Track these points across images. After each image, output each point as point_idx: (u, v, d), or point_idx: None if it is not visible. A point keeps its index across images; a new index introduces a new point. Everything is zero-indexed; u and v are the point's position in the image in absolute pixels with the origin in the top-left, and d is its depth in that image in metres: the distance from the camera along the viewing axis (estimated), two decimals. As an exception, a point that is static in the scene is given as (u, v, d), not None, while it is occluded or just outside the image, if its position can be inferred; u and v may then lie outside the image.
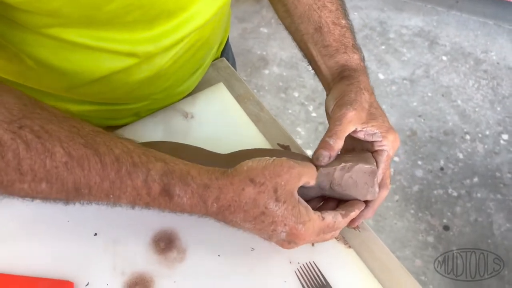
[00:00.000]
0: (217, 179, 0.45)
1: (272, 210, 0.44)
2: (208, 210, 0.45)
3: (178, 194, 0.44)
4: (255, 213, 0.44)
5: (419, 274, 1.42)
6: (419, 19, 2.15)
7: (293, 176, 0.45)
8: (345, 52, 0.57)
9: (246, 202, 0.44)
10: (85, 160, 0.41)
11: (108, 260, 0.52)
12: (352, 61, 0.57)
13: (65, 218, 0.54)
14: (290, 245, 0.48)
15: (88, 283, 0.50)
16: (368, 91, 0.54)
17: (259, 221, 0.45)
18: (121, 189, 0.42)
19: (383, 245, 0.57)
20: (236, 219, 0.45)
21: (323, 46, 0.58)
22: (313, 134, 1.75)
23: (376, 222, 1.53)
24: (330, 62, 0.58)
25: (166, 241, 0.54)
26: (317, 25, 0.59)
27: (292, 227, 0.45)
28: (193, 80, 0.67)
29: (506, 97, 1.88)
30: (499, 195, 1.61)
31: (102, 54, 0.51)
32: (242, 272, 0.52)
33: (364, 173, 0.51)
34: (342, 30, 0.59)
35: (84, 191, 0.42)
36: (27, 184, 0.40)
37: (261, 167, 0.45)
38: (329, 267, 0.53)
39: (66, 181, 0.41)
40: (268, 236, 0.47)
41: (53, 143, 0.40)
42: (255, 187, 0.44)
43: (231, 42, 0.84)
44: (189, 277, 0.52)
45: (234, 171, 0.45)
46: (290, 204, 0.45)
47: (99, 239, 0.53)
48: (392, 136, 0.53)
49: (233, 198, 0.44)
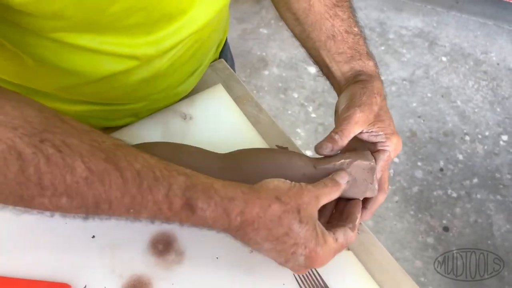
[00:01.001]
0: (243, 193, 0.44)
1: (296, 232, 0.44)
2: (231, 224, 0.43)
3: (201, 208, 0.42)
4: (279, 232, 0.44)
5: (418, 275, 1.42)
6: (419, 20, 2.15)
7: (312, 199, 0.46)
8: (360, 59, 0.58)
9: (271, 220, 0.43)
10: (105, 175, 0.40)
11: (106, 263, 0.52)
12: (367, 68, 0.58)
13: (63, 221, 0.54)
14: (305, 270, 0.47)
15: (85, 285, 0.50)
16: (380, 95, 0.55)
17: (281, 242, 0.44)
18: (142, 204, 0.42)
19: (382, 247, 0.57)
20: (257, 237, 0.44)
21: (337, 53, 0.59)
22: (313, 135, 1.75)
23: (375, 223, 1.53)
24: (345, 68, 0.58)
25: (164, 244, 0.54)
26: (330, 33, 0.59)
27: (312, 250, 0.44)
28: (192, 81, 0.66)
29: (505, 98, 1.88)
30: (499, 196, 1.61)
31: (103, 57, 0.50)
32: (240, 274, 0.52)
33: (363, 169, 0.51)
34: (356, 38, 0.59)
35: (104, 207, 0.41)
36: (47, 199, 0.40)
37: (287, 188, 0.45)
38: (327, 270, 0.53)
39: (86, 196, 0.40)
40: (285, 260, 0.46)
41: (74, 158, 0.39)
42: (281, 205, 0.44)
43: (230, 42, 0.84)
44: (187, 280, 0.51)
45: (260, 187, 0.45)
46: (311, 226, 0.45)
47: (97, 241, 0.53)
48: (396, 139, 0.54)
49: (258, 214, 0.43)
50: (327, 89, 1.88)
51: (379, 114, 0.53)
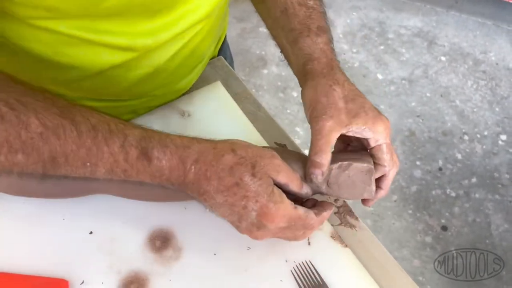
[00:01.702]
0: (198, 142, 0.45)
1: (246, 183, 0.43)
2: (186, 175, 0.44)
3: (157, 157, 0.43)
4: (229, 182, 0.44)
5: (417, 274, 1.42)
6: (418, 19, 2.15)
7: (273, 165, 0.45)
8: (308, 36, 0.54)
9: (222, 168, 0.44)
10: (60, 129, 0.41)
11: (104, 259, 0.52)
12: (314, 47, 0.53)
13: (60, 216, 0.54)
14: (258, 232, 0.45)
15: (83, 281, 0.50)
16: (338, 83, 0.51)
17: (231, 193, 0.44)
18: (98, 156, 0.42)
19: (380, 244, 0.57)
20: (210, 188, 0.44)
21: (289, 30, 0.55)
22: (312, 134, 1.75)
23: (374, 222, 1.53)
24: (295, 49, 0.54)
25: (162, 240, 0.54)
26: (284, 6, 0.56)
27: (264, 205, 0.43)
28: (191, 78, 0.66)
29: (504, 98, 1.88)
30: (497, 195, 1.61)
31: (100, 48, 0.50)
32: (238, 271, 0.52)
33: (361, 171, 0.51)
34: (308, 11, 0.55)
35: (60, 160, 0.41)
36: (3, 156, 0.40)
37: (246, 145, 0.46)
38: (325, 266, 0.53)
39: (42, 151, 0.41)
40: (238, 218, 0.45)
41: (28, 115, 0.40)
42: (234, 156, 0.44)
43: (230, 41, 0.84)
44: (184, 276, 0.51)
45: (219, 140, 0.46)
46: (265, 182, 0.44)
47: (94, 237, 0.53)
48: (382, 126, 0.50)
49: (211, 162, 0.44)
50: (326, 88, 1.88)
51: (348, 108, 0.49)
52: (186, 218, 0.55)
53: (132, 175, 0.44)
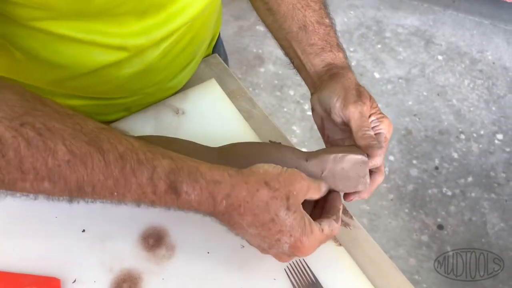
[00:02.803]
0: (230, 176, 0.43)
1: (282, 219, 0.43)
2: (216, 207, 0.43)
3: (186, 191, 0.42)
4: (265, 218, 0.43)
5: (412, 273, 1.42)
6: (415, 18, 2.15)
7: (303, 187, 0.45)
8: (330, 51, 0.58)
9: (258, 206, 0.43)
10: (88, 158, 0.40)
11: (96, 257, 0.52)
12: (338, 60, 0.58)
13: (53, 214, 0.54)
14: (289, 258, 0.47)
15: (75, 279, 0.50)
16: (356, 85, 0.56)
17: (266, 228, 0.44)
18: (126, 187, 0.41)
19: (374, 243, 0.56)
20: (242, 222, 0.44)
21: (308, 44, 0.59)
22: (308, 133, 1.75)
23: (370, 221, 1.53)
24: (316, 60, 0.58)
25: (155, 238, 0.53)
26: (302, 24, 0.59)
27: (298, 239, 0.44)
28: (184, 75, 0.66)
29: (501, 97, 1.88)
30: (493, 194, 1.61)
31: (92, 48, 0.50)
32: (231, 269, 0.52)
33: (356, 163, 0.51)
34: (327, 29, 0.59)
35: (87, 190, 0.41)
36: (29, 183, 0.39)
37: (277, 173, 0.45)
38: (319, 265, 0.53)
39: (69, 179, 0.40)
40: (268, 246, 0.46)
41: (56, 141, 0.39)
42: (269, 191, 0.43)
43: (226, 39, 0.84)
44: (178, 274, 0.51)
45: (249, 171, 0.44)
46: (299, 215, 0.44)
47: (87, 235, 0.53)
48: (387, 121, 0.54)
49: (245, 198, 0.43)
50: (323, 87, 1.88)
51: (371, 100, 0.55)
52: (180, 216, 0.55)
53: (160, 205, 0.44)
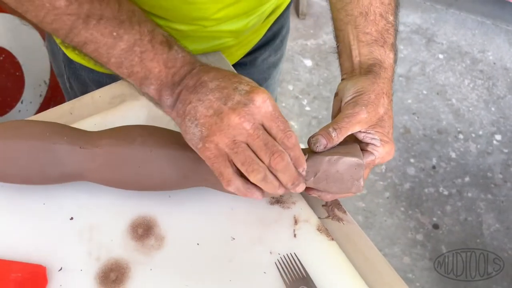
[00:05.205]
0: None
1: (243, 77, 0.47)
2: (193, 70, 0.47)
3: (176, 50, 0.47)
4: (227, 73, 0.47)
5: (406, 271, 1.42)
6: (417, 16, 2.14)
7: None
8: (382, 47, 0.56)
9: (225, 75, 0.46)
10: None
11: (83, 245, 0.51)
12: (386, 59, 0.56)
13: (41, 201, 0.53)
14: (207, 141, 0.45)
15: (61, 268, 0.49)
16: (388, 97, 0.53)
17: (226, 79, 0.46)
18: (126, 30, 0.46)
19: (367, 239, 0.56)
20: (208, 78, 0.46)
21: (363, 32, 0.56)
22: (306, 128, 1.74)
23: (365, 218, 1.52)
24: (364, 50, 0.56)
25: (144, 228, 0.53)
26: (364, 10, 0.57)
27: (255, 86, 0.45)
28: (244, 24, 0.66)
29: (501, 98, 1.87)
30: (490, 195, 1.60)
31: None
32: (221, 262, 0.51)
33: (351, 166, 0.50)
34: (387, 25, 0.57)
35: (92, 21, 0.45)
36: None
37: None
38: (310, 259, 0.52)
39: (83, 4, 0.45)
40: (225, 100, 0.45)
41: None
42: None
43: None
44: (166, 265, 0.50)
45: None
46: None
47: (75, 223, 0.52)
48: (389, 148, 0.52)
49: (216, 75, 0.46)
50: (322, 83, 1.87)
51: (382, 118, 0.52)
52: (170, 206, 0.54)
53: (146, 58, 0.47)
